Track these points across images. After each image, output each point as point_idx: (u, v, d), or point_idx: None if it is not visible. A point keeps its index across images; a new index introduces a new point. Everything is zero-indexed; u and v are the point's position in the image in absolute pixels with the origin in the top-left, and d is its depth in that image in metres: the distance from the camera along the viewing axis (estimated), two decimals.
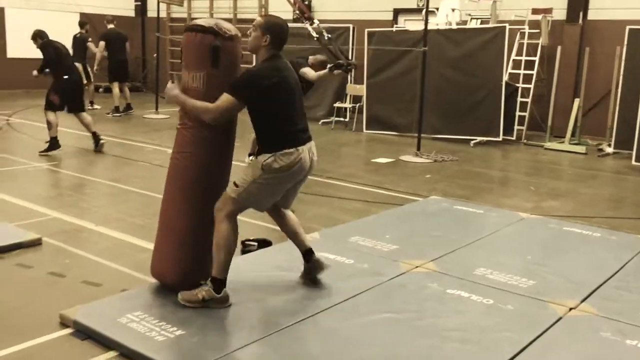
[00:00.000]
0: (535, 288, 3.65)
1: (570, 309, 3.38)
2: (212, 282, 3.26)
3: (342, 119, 11.03)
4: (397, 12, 12.01)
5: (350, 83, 11.06)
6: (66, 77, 7.36)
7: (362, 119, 10.43)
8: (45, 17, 14.09)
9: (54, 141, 7.31)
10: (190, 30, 3.31)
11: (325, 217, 5.30)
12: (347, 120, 11.05)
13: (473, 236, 4.66)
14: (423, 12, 8.83)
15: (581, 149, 8.94)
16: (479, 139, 9.39)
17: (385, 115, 10.17)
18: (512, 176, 7.73)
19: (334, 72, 5.64)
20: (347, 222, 5.06)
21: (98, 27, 12.24)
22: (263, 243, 4.35)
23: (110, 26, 11.43)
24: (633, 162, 8.04)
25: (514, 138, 9.56)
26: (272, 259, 4.00)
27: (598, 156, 8.74)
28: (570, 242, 4.66)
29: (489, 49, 9.23)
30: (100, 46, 11.12)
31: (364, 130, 10.28)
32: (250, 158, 4.82)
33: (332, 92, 11.25)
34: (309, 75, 5.48)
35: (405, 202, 5.86)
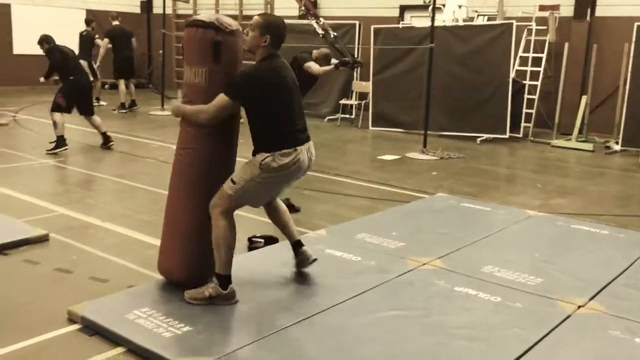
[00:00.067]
0: (543, 286, 3.64)
1: (579, 307, 3.36)
2: (218, 279, 3.26)
3: (348, 115, 11.02)
4: (403, 8, 11.98)
5: (356, 80, 11.04)
6: (72, 79, 7.38)
7: (368, 116, 10.41)
8: (51, 14, 14.14)
9: (61, 140, 7.32)
10: (191, 26, 3.29)
11: (331, 214, 5.29)
12: (353, 117, 11.03)
13: (480, 234, 4.64)
14: (430, 8, 8.79)
15: (588, 146, 8.90)
16: (486, 136, 9.35)
17: (391, 112, 10.15)
18: (519, 174, 7.69)
19: (339, 68, 5.62)
20: (354, 219, 5.05)
21: (104, 23, 12.24)
22: (269, 240, 4.34)
23: (115, 23, 11.40)
24: None
25: (520, 135, 9.52)
26: (278, 256, 3.99)
27: (605, 153, 8.70)
28: (578, 239, 4.64)
29: (496, 46, 9.19)
30: (104, 43, 11.12)
31: (370, 127, 10.27)
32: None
33: (338, 88, 11.23)
34: (313, 69, 5.43)
35: (412, 199, 5.84)
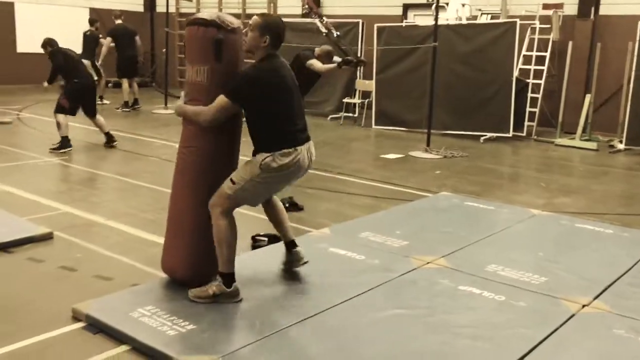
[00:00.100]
0: (547, 285, 3.63)
1: (583, 306, 3.35)
2: (221, 277, 3.26)
3: (351, 114, 11.01)
4: (406, 7, 11.97)
5: (360, 78, 11.04)
6: (76, 81, 7.40)
7: (371, 115, 10.40)
8: (55, 12, 14.16)
9: (65, 140, 7.34)
10: (192, 24, 3.29)
11: (334, 213, 5.29)
12: (356, 115, 11.03)
13: (484, 232, 4.64)
14: (433, 7, 8.77)
15: (592, 145, 8.88)
16: (489, 135, 9.34)
17: (395, 111, 10.14)
18: (523, 172, 7.68)
19: (342, 67, 5.61)
20: (357, 217, 5.05)
21: (107, 22, 12.25)
22: (273, 239, 4.33)
23: (118, 21, 11.37)
24: None
25: (524, 134, 9.51)
26: (282, 254, 3.97)
27: (609, 152, 8.68)
28: (582, 238, 4.63)
29: (500, 45, 9.17)
30: (106, 41, 11.11)
31: (373, 126, 10.26)
32: None
33: (341, 87, 11.23)
34: (316, 67, 5.41)
35: (415, 198, 5.84)
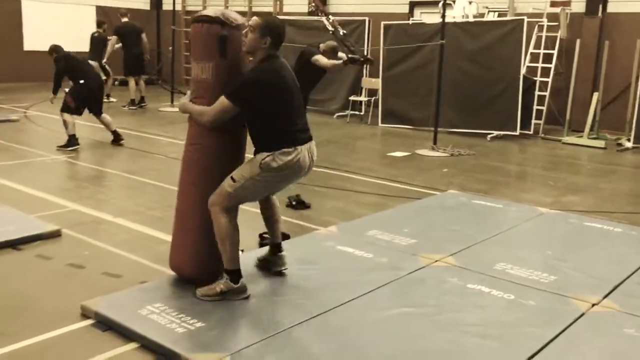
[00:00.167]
0: (556, 283, 3.61)
1: (593, 305, 3.34)
2: (227, 274, 3.26)
3: (357, 112, 10.99)
4: (413, 4, 11.93)
5: (366, 76, 11.01)
6: (82, 82, 7.42)
7: (378, 113, 10.37)
8: (61, 10, 14.20)
9: (72, 139, 7.36)
10: (197, 22, 3.31)
11: (341, 211, 5.28)
12: (362, 113, 11.00)
13: (492, 231, 4.62)
14: (440, 4, 8.75)
15: (600, 143, 8.83)
16: (496, 133, 9.30)
17: (401, 109, 10.11)
18: (530, 171, 7.65)
19: (348, 65, 5.60)
20: (364, 215, 5.04)
21: (114, 20, 12.26)
22: (281, 236, 4.33)
23: (124, 19, 11.39)
24: None
25: (531, 132, 9.46)
26: (289, 252, 3.96)
27: (617, 151, 8.63)
28: (591, 237, 4.61)
29: (507, 42, 9.12)
30: (112, 40, 11.12)
31: (380, 124, 10.24)
32: None
33: (347, 85, 11.21)
34: (321, 62, 5.39)
35: (422, 196, 5.82)
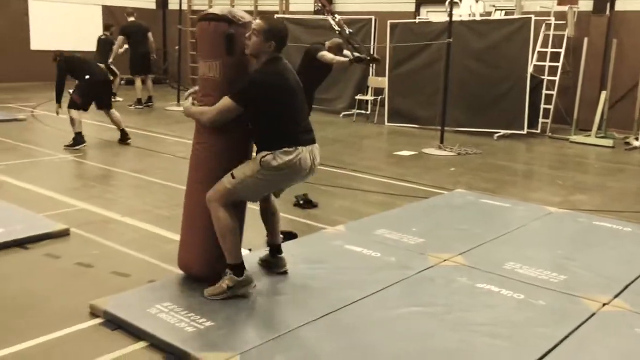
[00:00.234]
0: (566, 283, 3.59)
1: (604, 305, 3.32)
2: (231, 269, 3.27)
3: (363, 111, 10.97)
4: (419, 3, 11.91)
5: (372, 75, 11.00)
6: (87, 77, 7.42)
7: (384, 112, 10.36)
8: (68, 10, 14.24)
9: (79, 136, 7.37)
10: (204, 20, 3.31)
11: (349, 210, 5.27)
12: (368, 112, 10.98)
13: (500, 230, 4.60)
14: (447, 3, 8.73)
15: (608, 142, 8.79)
16: (503, 132, 9.27)
17: (407, 108, 10.09)
18: (537, 169, 7.62)
19: (353, 64, 5.58)
20: (372, 214, 5.02)
21: (120, 19, 12.28)
22: (288, 235, 4.33)
23: (131, 19, 11.42)
24: None
25: (538, 131, 9.42)
26: (297, 251, 3.98)
27: (625, 149, 8.59)
28: (600, 236, 4.58)
29: (514, 41, 9.09)
30: (118, 40, 11.13)
31: (386, 123, 10.22)
32: None
33: (353, 84, 11.20)
34: (327, 57, 5.35)
35: (429, 195, 5.80)
